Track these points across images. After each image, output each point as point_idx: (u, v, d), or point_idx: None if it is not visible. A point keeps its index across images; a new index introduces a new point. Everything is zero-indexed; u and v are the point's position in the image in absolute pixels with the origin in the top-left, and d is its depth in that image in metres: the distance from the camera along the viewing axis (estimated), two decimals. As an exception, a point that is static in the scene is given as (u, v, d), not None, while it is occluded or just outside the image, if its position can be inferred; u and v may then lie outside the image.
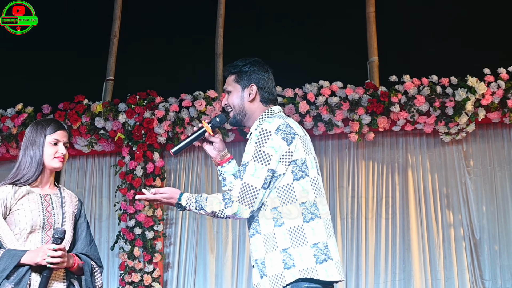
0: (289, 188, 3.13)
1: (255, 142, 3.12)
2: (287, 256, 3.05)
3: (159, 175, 6.85)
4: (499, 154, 6.78)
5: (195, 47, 7.51)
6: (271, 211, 3.11)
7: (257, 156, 3.10)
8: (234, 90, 3.35)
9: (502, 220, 6.62)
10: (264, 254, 3.10)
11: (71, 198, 3.56)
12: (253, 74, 3.34)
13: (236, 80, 3.36)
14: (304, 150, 3.19)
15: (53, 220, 3.39)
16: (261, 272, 3.11)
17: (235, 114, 3.35)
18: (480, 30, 6.97)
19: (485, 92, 6.42)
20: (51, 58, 7.55)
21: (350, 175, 6.91)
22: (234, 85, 3.35)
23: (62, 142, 3.47)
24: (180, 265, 6.96)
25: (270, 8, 7.58)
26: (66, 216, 3.45)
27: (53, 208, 3.42)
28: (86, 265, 3.42)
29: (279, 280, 3.04)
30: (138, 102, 6.92)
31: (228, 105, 3.37)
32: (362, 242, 6.71)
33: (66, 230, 3.33)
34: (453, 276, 6.55)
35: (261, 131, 3.13)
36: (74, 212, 3.53)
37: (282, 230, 3.08)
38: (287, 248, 3.06)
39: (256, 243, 3.14)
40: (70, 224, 3.46)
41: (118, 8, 7.72)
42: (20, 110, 7.11)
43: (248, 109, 3.33)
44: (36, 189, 3.44)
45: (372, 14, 7.26)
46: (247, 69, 3.35)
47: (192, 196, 3.11)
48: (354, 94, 6.57)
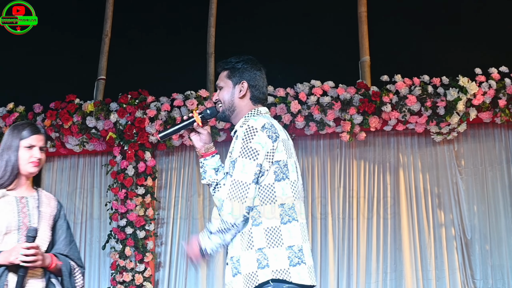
0: (270, 188, 3.13)
1: (241, 139, 3.13)
2: (262, 256, 3.06)
3: (151, 175, 6.84)
4: (490, 154, 6.79)
5: (187, 47, 7.50)
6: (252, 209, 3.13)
7: (244, 152, 3.10)
8: (225, 86, 3.36)
9: (493, 219, 6.63)
10: (240, 252, 3.11)
11: (49, 200, 3.58)
12: (245, 71, 3.36)
13: (228, 76, 3.37)
14: (286, 153, 3.19)
15: (29, 220, 3.40)
16: (236, 269, 3.11)
17: (224, 109, 3.36)
18: (472, 30, 6.97)
19: (477, 92, 6.43)
20: (43, 57, 7.53)
21: (341, 175, 6.91)
22: (226, 81, 3.37)
23: (38, 146, 3.48)
24: (172, 264, 6.96)
25: (262, 8, 7.57)
26: (42, 216, 3.46)
27: (29, 209, 3.44)
28: (64, 265, 3.42)
29: (252, 279, 3.05)
30: (130, 102, 6.91)
31: (219, 100, 3.38)
32: (354, 241, 6.72)
33: (41, 230, 3.36)
34: (444, 275, 6.55)
35: (247, 128, 3.14)
36: (53, 213, 3.54)
37: (259, 230, 3.09)
38: (263, 248, 3.07)
39: (234, 241, 3.15)
40: (47, 224, 3.48)
41: (109, 8, 7.71)
42: (11, 109, 7.09)
43: (237, 106, 3.34)
44: (12, 192, 3.46)
45: (363, 14, 7.27)
46: (240, 66, 3.36)
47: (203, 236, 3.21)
48: (345, 93, 6.57)
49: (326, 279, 6.68)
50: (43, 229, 3.43)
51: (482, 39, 6.94)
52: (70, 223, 3.67)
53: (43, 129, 3.56)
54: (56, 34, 7.66)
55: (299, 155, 6.97)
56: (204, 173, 3.41)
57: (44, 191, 3.62)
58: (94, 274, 7.07)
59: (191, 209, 7.02)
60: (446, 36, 7.06)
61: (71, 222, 7.07)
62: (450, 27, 7.11)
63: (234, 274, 3.12)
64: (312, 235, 6.76)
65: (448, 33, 7.06)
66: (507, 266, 6.48)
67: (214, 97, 3.43)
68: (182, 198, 7.05)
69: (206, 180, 3.34)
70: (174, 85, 7.00)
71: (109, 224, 6.89)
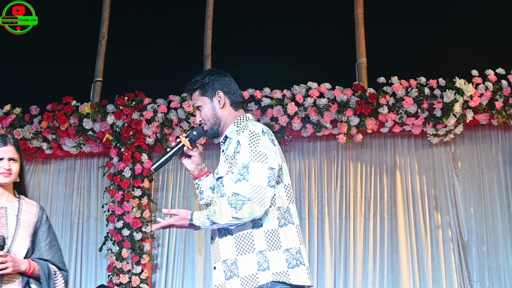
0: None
1: (248, 144, 3.11)
2: (263, 259, 3.07)
3: (147, 177, 6.84)
4: (487, 156, 6.79)
5: (184, 48, 7.50)
6: None
7: (255, 156, 3.09)
8: (203, 104, 3.35)
9: (490, 221, 6.63)
10: (236, 255, 3.10)
11: (30, 207, 3.66)
12: (215, 82, 3.36)
13: (201, 93, 3.36)
14: (281, 157, 3.22)
15: (6, 229, 3.50)
16: (231, 272, 3.11)
17: (211, 126, 3.35)
18: (468, 32, 6.98)
19: (473, 94, 6.43)
20: (39, 59, 7.53)
21: (338, 177, 6.91)
22: (201, 98, 3.36)
23: (6, 158, 3.58)
24: (169, 266, 6.95)
25: (259, 10, 7.58)
26: (20, 224, 3.55)
27: (7, 219, 3.54)
28: (41, 269, 3.49)
29: (252, 281, 3.06)
30: (126, 104, 6.91)
31: (202, 120, 3.37)
32: (350, 243, 6.71)
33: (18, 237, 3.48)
34: (441, 277, 6.55)
35: (250, 133, 3.14)
36: (33, 220, 3.63)
37: (259, 232, 3.10)
38: (263, 250, 3.08)
39: (227, 244, 3.14)
40: (25, 231, 3.56)
41: (106, 10, 7.71)
42: (8, 111, 7.09)
43: (221, 117, 3.34)
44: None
45: (360, 15, 7.27)
46: (207, 79, 3.36)
47: (203, 214, 3.07)
48: (342, 95, 6.57)
49: (323, 281, 6.68)
50: (21, 236, 3.52)
51: (478, 41, 6.94)
52: (67, 225, 3.75)
53: (13, 139, 3.66)
54: (53, 36, 7.65)
55: (296, 157, 6.99)
56: (201, 194, 3.46)
57: (26, 198, 3.71)
58: (91, 276, 7.06)
59: (188, 211, 7.00)
60: (443, 38, 7.06)
61: (68, 224, 7.09)
62: (446, 29, 7.11)
63: (228, 277, 3.12)
64: (309, 236, 6.75)
65: (445, 35, 7.07)
66: (504, 268, 6.48)
67: (197, 120, 3.40)
68: (179, 200, 7.05)
69: (204, 201, 3.39)
70: (171, 87, 6.99)
71: (105, 226, 6.88)
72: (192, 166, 3.42)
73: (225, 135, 3.31)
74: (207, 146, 7.00)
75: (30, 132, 6.93)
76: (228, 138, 3.30)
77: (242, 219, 3.02)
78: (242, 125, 3.23)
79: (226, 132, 3.32)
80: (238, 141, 3.17)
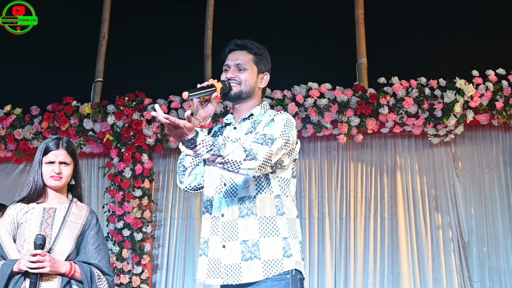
0: (288, 182, 3.20)
1: (283, 124, 3.11)
2: (287, 245, 3.07)
3: (148, 177, 6.84)
4: (487, 156, 6.79)
5: (184, 49, 7.49)
6: (275, 197, 3.12)
7: (284, 136, 3.08)
8: (250, 70, 3.27)
9: (491, 222, 6.62)
10: (259, 237, 3.06)
11: (80, 210, 3.70)
12: (269, 64, 3.36)
13: (254, 60, 3.30)
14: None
15: (51, 230, 3.55)
16: (251, 253, 3.04)
17: (243, 91, 3.25)
18: (469, 32, 6.98)
19: (474, 94, 6.43)
20: (40, 60, 7.53)
21: (338, 177, 6.91)
22: (252, 65, 3.29)
23: (57, 161, 3.62)
24: (169, 266, 6.95)
25: (259, 10, 7.58)
26: (66, 225, 3.58)
27: (53, 219, 3.58)
28: (83, 273, 3.51)
29: (276, 266, 3.03)
30: (127, 104, 6.91)
31: (238, 79, 3.25)
32: (351, 243, 6.71)
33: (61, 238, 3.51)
34: (442, 278, 6.55)
35: (288, 118, 3.16)
36: (81, 222, 3.65)
37: (283, 220, 3.10)
38: (287, 237, 3.08)
39: (249, 224, 3.08)
40: (70, 233, 3.58)
41: (107, 10, 7.72)
42: (8, 111, 7.09)
43: (255, 94, 3.30)
44: (42, 204, 3.64)
45: (360, 16, 7.27)
46: (266, 57, 3.35)
47: (209, 138, 2.92)
48: (342, 96, 6.57)
49: (323, 281, 6.68)
50: (64, 238, 3.55)
51: (479, 41, 6.94)
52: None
53: (67, 143, 3.69)
54: (53, 36, 7.65)
55: (296, 157, 6.98)
56: None
57: (79, 202, 3.75)
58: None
59: (188, 211, 7.01)
60: (443, 38, 7.06)
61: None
62: (447, 29, 7.11)
63: (247, 258, 3.05)
64: (309, 236, 6.75)
65: (445, 35, 7.07)
66: (504, 268, 6.48)
67: (228, 74, 3.26)
68: (179, 200, 7.05)
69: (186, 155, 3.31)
70: (171, 87, 6.99)
71: (106, 226, 6.87)
72: (203, 114, 3.19)
73: (251, 112, 3.26)
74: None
75: (31, 133, 6.93)
76: (254, 118, 3.25)
77: (241, 168, 2.94)
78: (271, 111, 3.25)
79: (254, 111, 3.27)
80: (273, 119, 3.16)
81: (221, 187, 3.20)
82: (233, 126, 3.31)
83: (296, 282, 3.07)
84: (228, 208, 3.14)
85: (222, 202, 3.17)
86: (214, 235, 3.16)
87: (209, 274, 3.15)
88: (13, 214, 3.59)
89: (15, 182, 7.35)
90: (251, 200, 3.11)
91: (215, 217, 3.17)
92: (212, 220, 3.18)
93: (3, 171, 7.42)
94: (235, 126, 3.30)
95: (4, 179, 7.40)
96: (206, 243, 3.20)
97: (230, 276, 3.07)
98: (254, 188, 3.13)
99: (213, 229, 3.17)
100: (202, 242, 3.23)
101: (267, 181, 3.14)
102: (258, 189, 3.13)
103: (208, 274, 3.15)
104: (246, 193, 3.13)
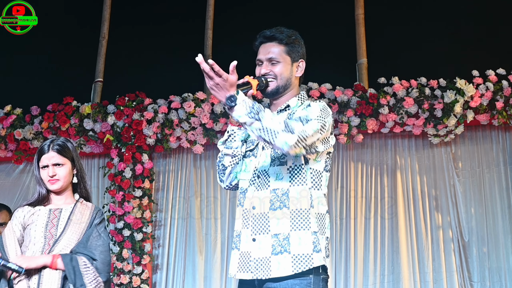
0: (320, 175, 3.12)
1: (320, 110, 3.02)
2: (317, 240, 3.00)
3: (148, 177, 6.84)
4: (487, 156, 6.79)
5: (184, 49, 7.48)
6: (308, 189, 3.05)
7: (320, 120, 2.99)
8: (283, 62, 3.19)
9: (491, 222, 6.62)
10: (290, 230, 2.99)
11: (84, 209, 3.71)
12: (302, 49, 3.26)
13: (287, 52, 3.20)
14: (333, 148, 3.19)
15: (56, 230, 3.58)
16: (281, 247, 2.98)
17: (280, 85, 3.18)
18: (469, 32, 6.98)
19: (474, 94, 6.43)
20: (40, 60, 7.53)
21: (339, 177, 6.91)
22: (285, 56, 3.20)
23: (50, 164, 3.65)
24: (169, 267, 6.95)
25: (259, 10, 7.58)
26: (70, 225, 3.61)
27: (59, 220, 3.62)
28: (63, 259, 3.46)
29: (307, 261, 2.97)
30: (127, 104, 6.91)
31: (273, 73, 3.18)
32: (351, 243, 6.71)
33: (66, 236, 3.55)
34: (442, 278, 6.55)
35: (324, 105, 3.07)
36: (86, 221, 3.66)
37: (313, 213, 3.03)
38: (317, 231, 3.01)
39: (281, 217, 3.02)
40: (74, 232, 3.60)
41: (107, 10, 7.72)
42: (8, 111, 7.09)
43: (292, 84, 3.22)
44: (48, 205, 3.68)
45: (361, 16, 7.27)
46: (298, 43, 3.24)
47: (250, 100, 2.85)
48: (343, 96, 6.58)
49: (323, 281, 6.67)
50: (67, 237, 3.57)
51: (479, 41, 6.94)
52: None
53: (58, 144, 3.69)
54: (54, 36, 7.65)
55: (296, 157, 6.97)
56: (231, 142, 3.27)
57: (84, 201, 3.76)
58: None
59: (188, 211, 7.01)
60: (443, 38, 7.06)
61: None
62: (447, 29, 7.11)
63: (277, 252, 2.99)
64: (309, 237, 6.74)
65: (445, 35, 7.07)
66: (505, 268, 6.48)
67: (262, 70, 3.19)
68: (180, 200, 7.05)
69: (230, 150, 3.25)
70: (172, 87, 6.99)
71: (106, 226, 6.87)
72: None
73: (288, 104, 3.20)
74: (208, 147, 6.99)
75: (31, 133, 6.93)
76: (290, 110, 3.18)
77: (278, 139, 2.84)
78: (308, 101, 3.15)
79: (290, 102, 3.20)
80: (308, 104, 3.09)
81: (254, 179, 3.16)
82: None
83: (319, 282, 3.01)
84: (259, 200, 3.09)
85: (254, 194, 3.12)
86: (245, 228, 3.12)
87: (239, 268, 3.10)
88: (20, 216, 3.62)
89: (15, 182, 7.35)
90: (284, 193, 3.04)
91: (247, 209, 3.13)
92: (244, 213, 3.14)
93: (3, 171, 7.42)
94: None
95: (4, 179, 7.40)
96: (238, 236, 3.16)
97: (259, 270, 3.02)
98: (288, 179, 3.06)
99: (244, 222, 3.13)
100: (235, 235, 3.19)
101: (300, 172, 3.06)
102: (292, 181, 3.05)
103: (239, 268, 3.11)
104: (279, 185, 3.05)
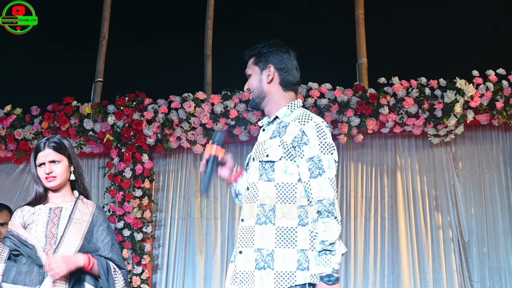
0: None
1: (317, 137, 3.03)
2: (304, 258, 2.97)
3: (148, 177, 6.83)
4: (487, 156, 6.79)
5: (184, 49, 7.49)
6: (298, 208, 3.02)
7: (325, 149, 3.02)
8: (253, 73, 3.27)
9: (491, 222, 6.63)
10: (274, 246, 2.98)
11: (85, 207, 3.68)
12: (271, 55, 3.26)
13: (254, 62, 3.28)
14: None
15: (56, 229, 3.54)
16: (264, 263, 2.97)
17: (254, 97, 3.26)
18: (469, 32, 6.98)
19: (474, 94, 6.43)
20: (40, 60, 7.53)
21: (339, 177, 6.90)
22: (253, 67, 3.28)
23: (47, 161, 3.61)
24: (169, 267, 6.95)
25: (259, 10, 7.58)
26: (71, 223, 3.57)
27: (59, 219, 3.58)
28: (99, 264, 3.48)
29: (289, 278, 2.95)
30: (127, 104, 6.90)
31: (249, 88, 3.29)
32: (351, 243, 6.71)
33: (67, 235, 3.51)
34: (442, 278, 6.55)
35: (316, 125, 3.06)
36: (88, 220, 3.62)
37: (305, 230, 3.00)
38: (306, 249, 2.98)
39: (265, 232, 3.00)
40: (76, 231, 3.57)
41: (107, 10, 7.71)
42: (8, 111, 7.09)
43: (267, 92, 3.23)
44: (48, 204, 3.65)
45: (361, 16, 7.27)
46: (266, 50, 3.27)
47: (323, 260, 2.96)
48: (343, 96, 6.57)
49: (323, 281, 6.66)
50: (70, 236, 3.54)
51: (479, 41, 6.94)
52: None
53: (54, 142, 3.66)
54: (54, 36, 7.65)
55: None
56: (238, 196, 3.34)
57: (85, 199, 3.73)
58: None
59: (188, 211, 7.02)
60: (443, 38, 7.06)
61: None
62: (447, 29, 7.11)
63: (260, 267, 2.98)
64: (309, 237, 6.74)
65: (445, 35, 7.07)
66: (505, 268, 6.48)
67: (245, 87, 3.33)
68: (180, 200, 7.05)
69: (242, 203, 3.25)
70: (172, 87, 6.99)
71: (106, 227, 6.88)
72: (228, 172, 3.28)
73: (276, 115, 3.20)
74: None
75: (31, 133, 6.93)
76: (279, 120, 3.19)
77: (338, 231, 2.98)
78: (300, 114, 3.13)
79: (278, 113, 3.20)
80: (303, 131, 3.06)
81: (245, 191, 3.17)
82: (263, 128, 3.28)
83: None
84: (248, 213, 3.09)
85: (245, 206, 3.13)
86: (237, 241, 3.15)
87: (232, 280, 3.10)
88: (19, 216, 3.60)
89: (15, 182, 7.35)
90: (271, 209, 3.03)
91: (240, 222, 3.15)
92: (239, 226, 3.16)
93: (3, 171, 7.42)
94: (264, 128, 3.27)
95: (4, 179, 7.40)
96: (236, 248, 3.17)
97: (244, 283, 3.03)
98: (275, 195, 3.05)
99: (238, 234, 3.16)
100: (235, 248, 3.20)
101: (291, 188, 3.05)
102: (280, 197, 3.04)
103: (231, 280, 3.11)
104: (266, 200, 3.04)
